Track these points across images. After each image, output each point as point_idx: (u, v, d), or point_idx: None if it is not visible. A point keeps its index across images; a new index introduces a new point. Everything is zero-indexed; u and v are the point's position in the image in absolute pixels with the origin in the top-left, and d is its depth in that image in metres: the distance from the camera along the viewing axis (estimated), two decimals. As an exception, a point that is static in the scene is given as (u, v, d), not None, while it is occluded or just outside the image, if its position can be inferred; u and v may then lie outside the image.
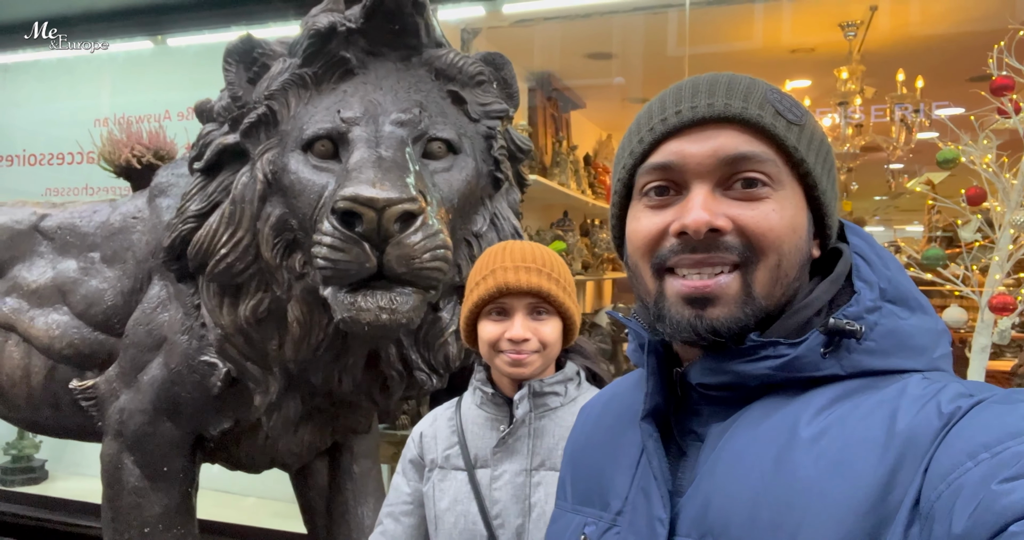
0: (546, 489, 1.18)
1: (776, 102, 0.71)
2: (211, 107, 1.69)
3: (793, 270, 0.71)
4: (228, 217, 1.62)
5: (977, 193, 2.32)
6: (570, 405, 1.24)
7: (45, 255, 2.17)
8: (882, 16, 3.58)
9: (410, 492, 1.31)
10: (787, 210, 0.70)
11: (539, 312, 1.20)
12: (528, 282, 1.16)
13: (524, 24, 3.50)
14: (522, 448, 1.20)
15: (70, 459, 3.73)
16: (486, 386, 1.26)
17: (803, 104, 0.74)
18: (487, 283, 1.18)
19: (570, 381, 1.26)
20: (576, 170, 4.28)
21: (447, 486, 1.24)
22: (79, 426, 2.09)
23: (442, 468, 1.26)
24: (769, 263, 0.69)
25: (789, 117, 0.71)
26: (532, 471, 1.19)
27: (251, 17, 3.26)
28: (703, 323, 0.69)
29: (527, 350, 1.18)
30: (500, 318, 1.20)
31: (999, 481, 0.52)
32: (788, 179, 0.71)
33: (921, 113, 4.00)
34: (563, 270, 1.22)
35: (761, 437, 0.67)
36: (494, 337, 1.19)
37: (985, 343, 2.32)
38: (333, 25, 1.58)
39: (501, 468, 1.20)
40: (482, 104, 1.69)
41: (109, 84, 3.88)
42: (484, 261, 1.23)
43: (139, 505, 1.90)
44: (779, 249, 0.69)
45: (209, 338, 1.76)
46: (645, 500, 0.72)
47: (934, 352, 0.70)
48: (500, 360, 1.19)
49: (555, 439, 1.21)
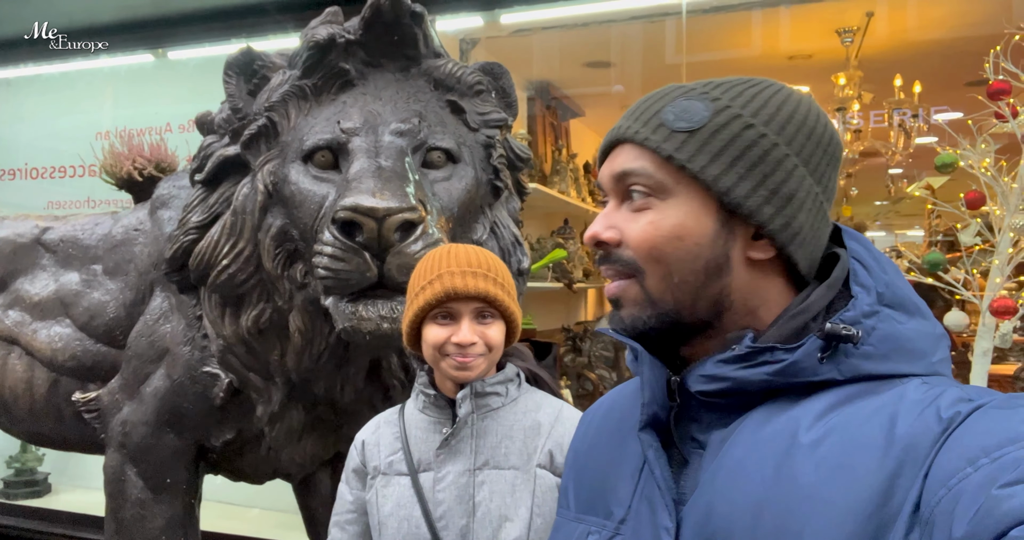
0: (490, 487, 1.19)
1: (669, 114, 0.73)
2: (212, 119, 1.70)
3: (691, 275, 0.72)
4: (229, 228, 1.63)
5: (976, 197, 2.33)
6: (511, 405, 1.26)
7: (47, 268, 2.17)
8: (879, 22, 3.60)
9: (352, 500, 1.31)
10: (668, 219, 0.72)
11: (484, 316, 1.21)
12: (476, 287, 1.17)
13: (522, 34, 3.51)
14: (465, 448, 1.21)
15: (73, 472, 3.72)
16: (428, 389, 1.26)
17: (718, 106, 0.72)
18: (434, 287, 1.18)
19: (511, 382, 1.27)
20: (576, 178, 4.29)
21: (390, 492, 1.24)
22: (82, 438, 2.09)
23: (385, 474, 1.26)
24: (657, 272, 0.73)
25: (679, 127, 0.72)
26: (476, 470, 1.20)
27: (251, 30, 3.28)
28: (618, 320, 0.76)
29: (473, 353, 1.19)
30: (446, 322, 1.20)
31: (999, 486, 0.52)
32: (678, 187, 0.72)
33: (919, 118, 4.01)
34: (506, 274, 1.24)
35: (762, 443, 0.67)
36: (440, 341, 1.19)
37: (987, 347, 2.32)
38: (332, 37, 1.59)
39: (444, 469, 1.21)
40: (481, 113, 1.70)
41: (110, 97, 3.90)
42: (428, 265, 1.22)
43: (142, 517, 1.90)
44: (661, 258, 0.72)
45: (211, 349, 1.76)
46: (649, 510, 0.72)
47: (933, 356, 0.69)
48: (446, 364, 1.20)
49: (497, 438, 1.22)
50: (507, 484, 1.19)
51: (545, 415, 1.26)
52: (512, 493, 1.18)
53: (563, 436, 1.22)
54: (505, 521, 1.17)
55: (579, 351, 3.93)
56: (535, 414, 1.25)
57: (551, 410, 1.27)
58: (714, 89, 0.74)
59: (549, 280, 3.75)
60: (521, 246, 1.77)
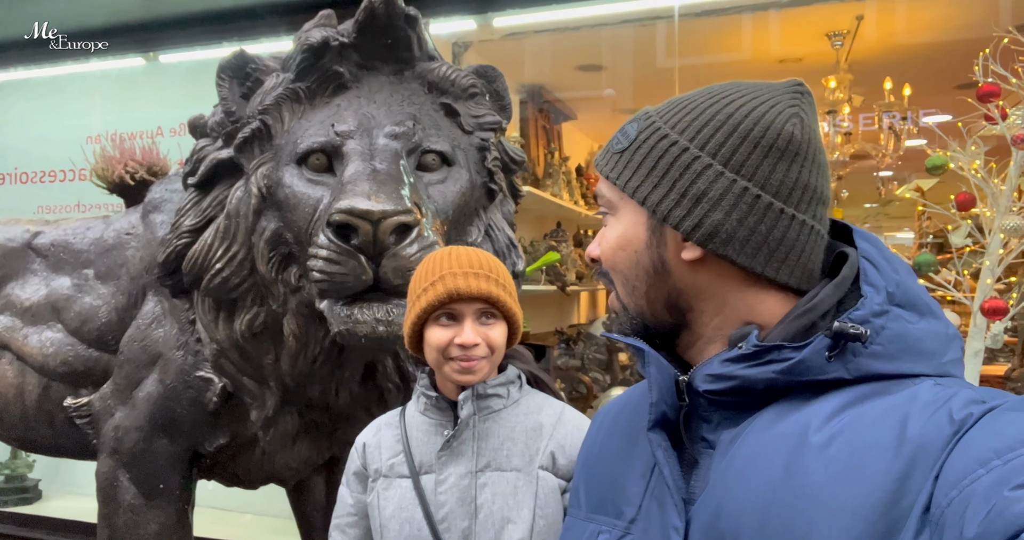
0: (492, 490, 1.18)
1: (613, 139, 0.82)
2: (205, 122, 1.70)
3: (640, 281, 0.79)
4: (223, 232, 1.62)
5: (966, 199, 2.34)
6: (513, 407, 1.25)
7: (38, 273, 2.16)
8: (868, 25, 3.62)
9: (353, 503, 1.30)
10: (615, 231, 0.81)
11: (487, 317, 1.20)
12: (479, 288, 1.17)
13: (515, 37, 3.52)
14: (467, 450, 1.20)
15: (64, 478, 3.69)
16: (430, 391, 1.26)
17: (643, 124, 0.78)
18: (436, 289, 1.18)
19: (512, 384, 1.26)
20: (568, 181, 4.30)
21: (391, 494, 1.23)
22: (74, 444, 2.07)
23: (386, 477, 1.25)
24: (618, 280, 0.81)
25: (616, 148, 0.80)
26: (478, 472, 1.19)
27: (243, 33, 3.27)
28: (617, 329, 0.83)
29: (477, 356, 1.18)
30: (449, 323, 1.19)
31: (1011, 488, 0.52)
32: (622, 202, 0.80)
33: (909, 120, 4.03)
34: (507, 275, 1.24)
35: (771, 443, 0.67)
36: (443, 342, 1.18)
37: (978, 348, 2.33)
38: (326, 40, 1.59)
39: (446, 472, 1.20)
40: (475, 116, 1.70)
41: (101, 101, 3.88)
42: (430, 266, 1.22)
43: (135, 523, 1.88)
44: (615, 267, 0.81)
45: (204, 353, 1.75)
46: (659, 509, 0.72)
47: (943, 356, 0.69)
48: (449, 367, 1.19)
49: (499, 440, 1.21)
50: (509, 486, 1.19)
51: (547, 416, 1.25)
52: (514, 495, 1.18)
53: (565, 437, 1.22)
54: (507, 523, 1.17)
55: (572, 354, 3.93)
56: (537, 416, 1.25)
57: (553, 412, 1.27)
58: (659, 109, 0.79)
59: (543, 283, 3.76)
60: (516, 249, 1.77)
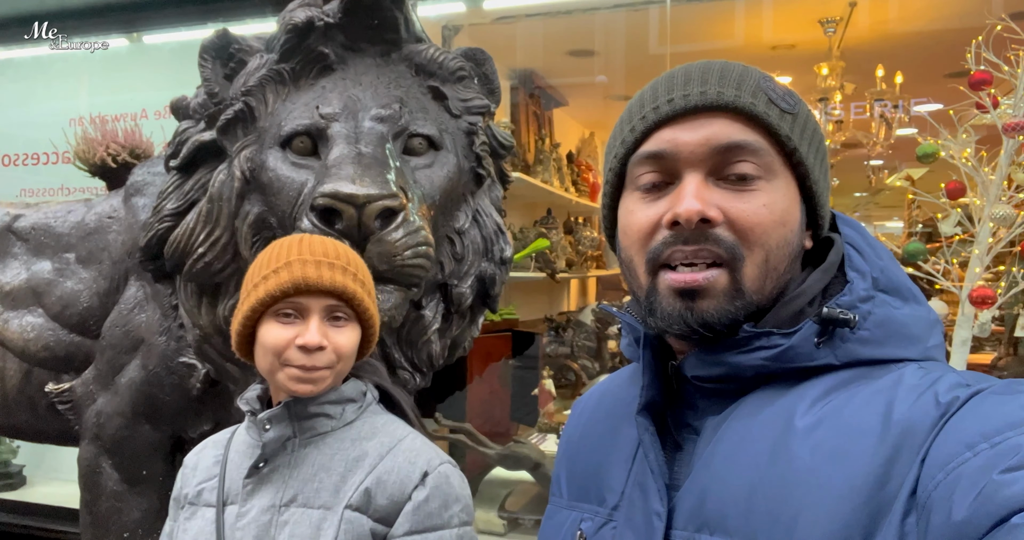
0: (291, 530, 1.00)
1: (770, 90, 0.70)
2: (187, 104, 1.66)
3: (782, 263, 0.70)
4: (206, 215, 1.59)
5: (957, 187, 2.34)
6: (343, 431, 1.05)
7: (19, 256, 2.12)
8: (861, 13, 3.61)
9: (168, 532, 1.13)
10: (778, 203, 0.69)
11: (337, 317, 1.02)
12: (332, 280, 0.99)
13: (505, 21, 3.48)
14: (277, 480, 1.02)
15: (48, 464, 3.67)
16: (254, 404, 1.06)
17: (795, 93, 0.73)
18: (279, 277, 0.99)
19: (350, 402, 1.07)
20: (559, 168, 4.28)
21: (192, 525, 1.05)
22: (57, 430, 2.05)
23: (192, 505, 1.07)
24: (756, 259, 0.68)
25: (783, 106, 0.70)
26: (281, 507, 1.01)
27: (228, 14, 3.21)
28: (693, 316, 0.68)
29: (319, 363, 0.99)
30: (290, 320, 1.00)
31: (1000, 471, 0.52)
32: (781, 169, 0.70)
33: (900, 109, 4.03)
34: (366, 271, 1.08)
35: (757, 428, 0.66)
36: (281, 343, 0.99)
37: (966, 336, 2.34)
38: (311, 20, 1.55)
39: (249, 504, 1.02)
40: (463, 100, 1.67)
41: (84, 83, 3.82)
42: (274, 252, 1.03)
43: (118, 510, 1.87)
44: (766, 244, 0.68)
45: (187, 339, 1.73)
46: (642, 494, 0.71)
47: (927, 341, 0.69)
48: (285, 374, 1.00)
49: (313, 470, 1.02)
50: (312, 527, 1.00)
51: (376, 445, 1.05)
52: (315, 538, 0.99)
53: (389, 472, 1.02)
54: None
55: (561, 341, 3.93)
56: (366, 443, 1.05)
57: (387, 439, 1.06)
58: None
59: (532, 270, 3.74)
60: (504, 234, 1.75)
